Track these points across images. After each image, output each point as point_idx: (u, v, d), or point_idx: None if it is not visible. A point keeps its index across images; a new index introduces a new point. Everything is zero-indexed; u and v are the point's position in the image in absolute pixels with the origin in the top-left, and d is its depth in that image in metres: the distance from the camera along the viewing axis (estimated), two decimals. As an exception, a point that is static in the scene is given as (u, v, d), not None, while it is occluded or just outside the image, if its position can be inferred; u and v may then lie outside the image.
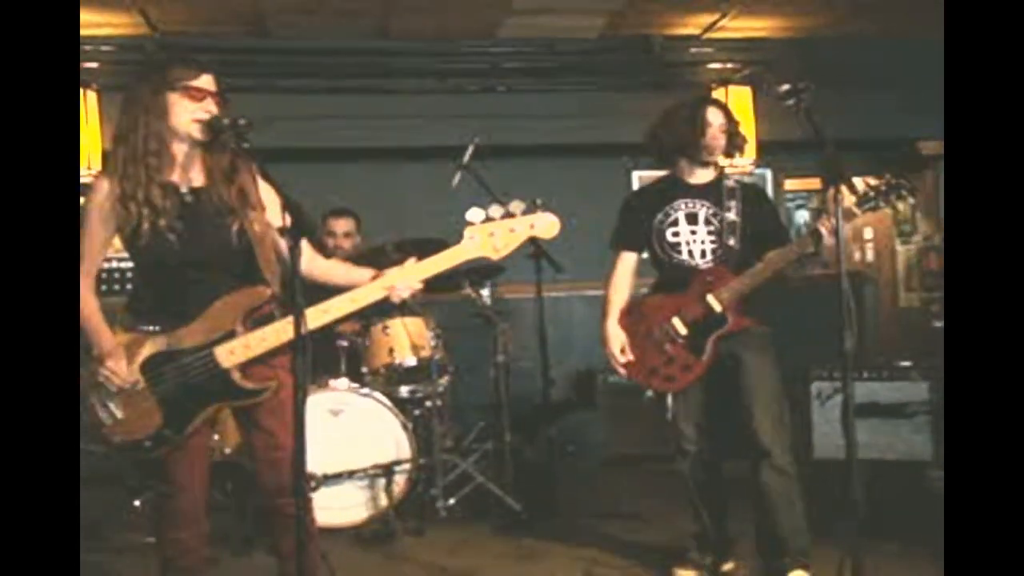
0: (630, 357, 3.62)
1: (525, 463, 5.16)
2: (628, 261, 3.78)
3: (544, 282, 5.14)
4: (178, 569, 2.76)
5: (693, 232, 3.64)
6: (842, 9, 5.89)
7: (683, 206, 3.67)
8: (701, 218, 3.65)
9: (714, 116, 3.62)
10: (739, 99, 6.08)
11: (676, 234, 3.65)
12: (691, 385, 3.60)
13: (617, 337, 3.65)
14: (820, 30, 6.22)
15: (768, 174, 7.09)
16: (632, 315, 3.70)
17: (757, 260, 3.53)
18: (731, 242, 3.60)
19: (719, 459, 3.70)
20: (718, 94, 5.98)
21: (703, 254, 3.62)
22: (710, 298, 3.51)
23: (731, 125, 3.65)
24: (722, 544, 3.72)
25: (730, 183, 3.70)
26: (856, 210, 3.31)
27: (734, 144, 3.65)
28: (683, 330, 3.56)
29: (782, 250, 3.51)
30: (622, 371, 3.64)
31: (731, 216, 3.62)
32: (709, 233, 3.63)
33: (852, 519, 2.69)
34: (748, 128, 5.00)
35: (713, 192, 3.67)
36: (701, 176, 3.70)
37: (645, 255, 3.78)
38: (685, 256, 3.63)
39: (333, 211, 5.46)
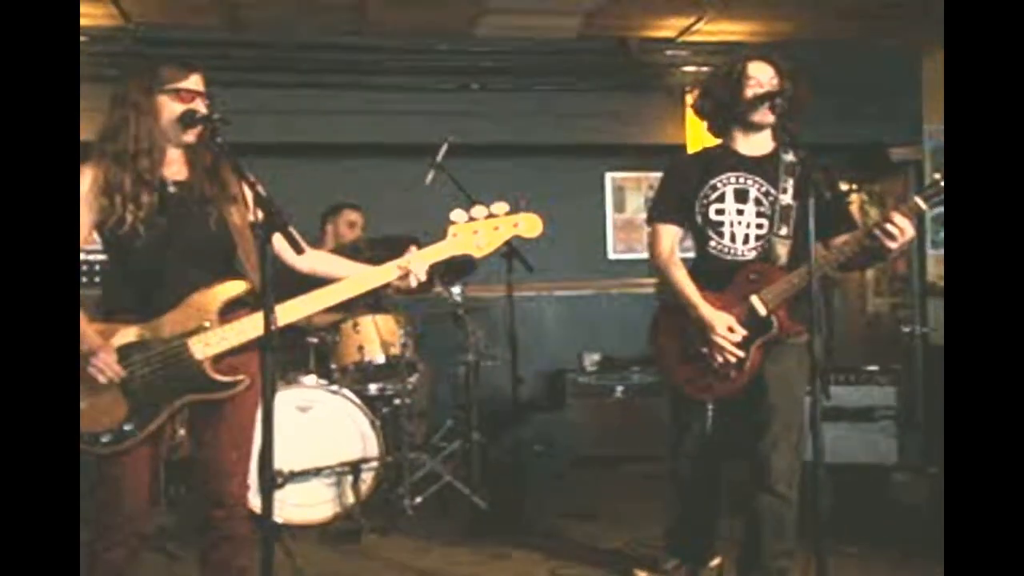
0: (742, 332, 3.12)
1: (493, 462, 5.15)
2: (671, 235, 3.31)
3: (515, 282, 5.13)
4: (105, 563, 2.65)
5: (740, 212, 3.19)
6: (816, 14, 5.92)
7: (732, 180, 3.22)
8: (751, 197, 3.20)
9: (759, 70, 3.15)
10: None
11: (720, 211, 3.21)
12: None
13: (719, 318, 3.12)
14: (795, 35, 6.25)
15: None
16: (667, 312, 3.33)
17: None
18: (783, 231, 3.15)
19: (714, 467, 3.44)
20: (692, 97, 5.97)
21: (746, 239, 3.19)
22: (754, 299, 3.12)
23: (784, 81, 3.13)
24: (700, 545, 3.54)
25: (790, 157, 3.18)
26: (923, 204, 2.89)
27: (787, 102, 3.00)
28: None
29: (838, 242, 3.05)
30: (739, 353, 3.11)
31: (786, 199, 3.15)
32: (758, 215, 3.19)
33: (817, 522, 2.67)
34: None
35: (768, 167, 3.21)
36: (756, 146, 3.24)
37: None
38: (727, 240, 3.21)
39: (350, 205, 5.55)
